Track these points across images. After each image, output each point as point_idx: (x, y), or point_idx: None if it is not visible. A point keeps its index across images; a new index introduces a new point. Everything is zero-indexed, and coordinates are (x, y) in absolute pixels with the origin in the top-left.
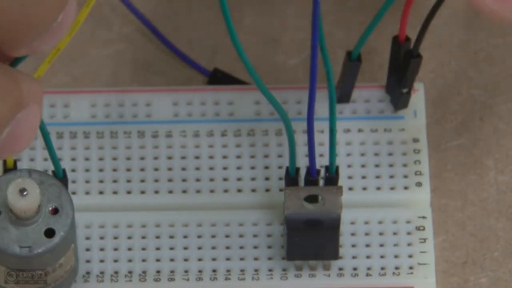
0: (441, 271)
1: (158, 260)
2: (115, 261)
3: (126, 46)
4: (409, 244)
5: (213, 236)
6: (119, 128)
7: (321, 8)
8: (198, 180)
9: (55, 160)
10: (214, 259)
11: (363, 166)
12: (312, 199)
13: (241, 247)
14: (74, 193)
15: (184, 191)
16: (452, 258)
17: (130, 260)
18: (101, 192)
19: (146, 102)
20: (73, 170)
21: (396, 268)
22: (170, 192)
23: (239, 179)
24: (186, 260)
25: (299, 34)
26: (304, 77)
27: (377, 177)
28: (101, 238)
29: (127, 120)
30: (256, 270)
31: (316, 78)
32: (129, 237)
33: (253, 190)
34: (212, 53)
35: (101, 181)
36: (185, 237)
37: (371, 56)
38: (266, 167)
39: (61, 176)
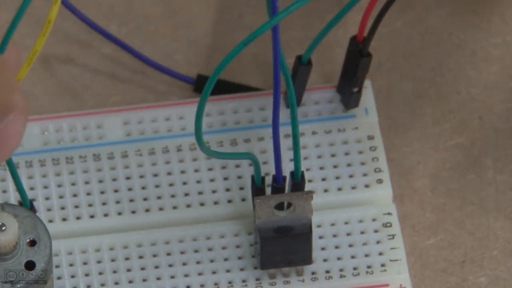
0: (440, 270)
1: (130, 282)
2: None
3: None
4: (378, 242)
5: (182, 253)
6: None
7: (320, 7)
8: (159, 198)
9: (21, 190)
10: (186, 275)
11: (321, 168)
12: (281, 206)
13: (212, 261)
14: (51, 221)
15: (147, 210)
16: (450, 257)
17: (103, 285)
18: (78, 218)
19: (98, 124)
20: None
21: (369, 267)
22: (133, 212)
23: (200, 193)
24: (158, 279)
25: (299, 34)
26: None
27: (337, 177)
28: (85, 263)
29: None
30: (230, 282)
31: (279, 84)
32: (99, 261)
33: (216, 203)
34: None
35: (76, 207)
36: (154, 256)
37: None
38: (225, 179)
39: (28, 207)
